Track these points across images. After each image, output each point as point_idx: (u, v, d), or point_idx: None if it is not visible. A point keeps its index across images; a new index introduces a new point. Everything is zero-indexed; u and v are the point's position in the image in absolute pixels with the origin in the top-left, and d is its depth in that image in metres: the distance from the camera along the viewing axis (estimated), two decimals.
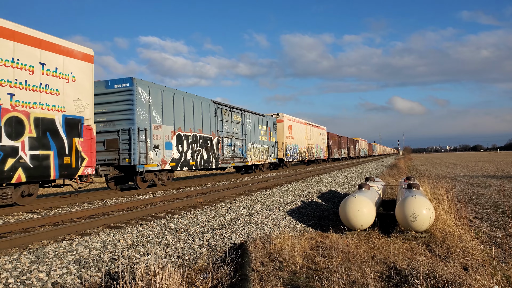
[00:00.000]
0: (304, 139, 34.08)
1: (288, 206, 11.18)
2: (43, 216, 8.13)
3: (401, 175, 26.07)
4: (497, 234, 8.26)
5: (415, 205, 7.83)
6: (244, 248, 6.52)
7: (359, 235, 8.11)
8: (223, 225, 8.37)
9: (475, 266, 5.77)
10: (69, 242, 5.95)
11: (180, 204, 9.78)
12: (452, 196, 10.02)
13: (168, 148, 14.04)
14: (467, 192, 15.56)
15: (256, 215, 9.59)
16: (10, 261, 4.96)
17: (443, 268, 5.38)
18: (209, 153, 17.04)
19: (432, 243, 7.37)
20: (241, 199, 11.09)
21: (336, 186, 17.31)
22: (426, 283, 4.89)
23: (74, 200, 10.69)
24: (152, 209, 8.86)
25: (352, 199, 8.41)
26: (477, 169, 33.24)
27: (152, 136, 13.11)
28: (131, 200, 10.92)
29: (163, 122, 13.86)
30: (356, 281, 5.09)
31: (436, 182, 13.37)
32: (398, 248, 6.95)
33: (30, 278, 4.66)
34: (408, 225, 7.93)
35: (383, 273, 5.63)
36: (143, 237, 6.74)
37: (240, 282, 4.73)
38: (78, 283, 4.81)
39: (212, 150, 17.33)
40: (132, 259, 5.79)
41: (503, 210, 10.98)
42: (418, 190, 9.62)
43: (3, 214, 8.57)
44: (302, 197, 13.00)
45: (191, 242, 7.01)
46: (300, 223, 9.87)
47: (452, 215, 8.52)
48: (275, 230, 8.79)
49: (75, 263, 5.25)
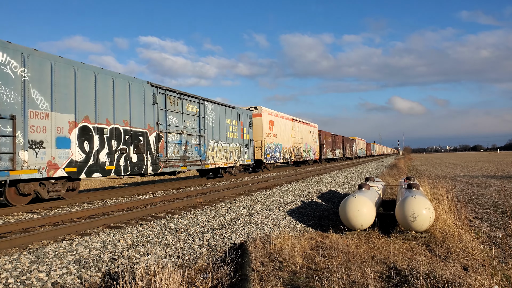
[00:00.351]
0: (290, 138, 30.01)
1: (288, 206, 11.18)
2: (43, 216, 8.12)
3: (401, 175, 26.08)
4: (497, 234, 8.26)
5: (415, 205, 7.83)
6: (244, 248, 6.52)
7: (359, 235, 8.11)
8: (223, 225, 8.37)
9: (475, 266, 5.77)
10: (69, 242, 5.95)
11: (180, 204, 9.78)
12: (452, 196, 10.02)
13: (62, 146, 9.78)
14: (467, 192, 15.56)
15: (256, 215, 9.59)
16: (10, 261, 4.96)
17: (443, 268, 5.38)
18: (141, 153, 12.53)
19: (432, 243, 7.37)
20: (241, 199, 11.09)
21: (336, 186, 17.31)
22: (426, 283, 4.89)
23: (74, 200, 10.68)
24: (152, 209, 8.86)
25: (352, 199, 8.41)
26: (477, 169, 33.24)
27: (28, 127, 8.89)
28: (131, 200, 10.92)
29: (52, 108, 9.57)
30: (356, 281, 5.09)
31: (436, 182, 13.37)
32: (398, 248, 6.95)
33: (30, 278, 4.66)
34: (408, 225, 7.93)
35: (383, 273, 5.63)
36: (143, 237, 6.74)
37: (240, 282, 4.73)
38: (78, 283, 4.81)
39: (147, 149, 12.83)
40: (132, 259, 5.79)
41: (503, 210, 10.98)
42: (418, 190, 9.62)
43: (3, 214, 8.56)
44: (302, 197, 13.00)
45: (191, 242, 7.01)
46: (300, 223, 9.87)
47: (452, 215, 8.52)
48: (275, 230, 8.79)
49: (75, 263, 5.25)
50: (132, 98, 12.39)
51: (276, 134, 26.66)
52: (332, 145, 46.68)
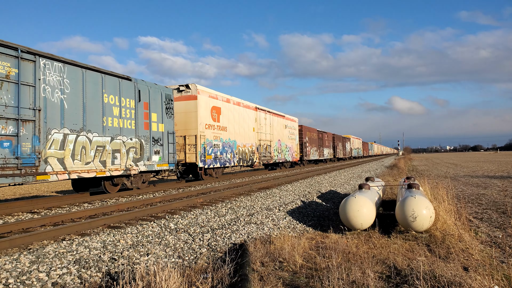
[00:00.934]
0: (252, 133, 22.50)
1: (288, 206, 11.18)
2: (43, 216, 8.13)
3: (401, 175, 26.09)
4: (497, 234, 8.26)
5: (415, 205, 7.83)
6: (244, 248, 6.52)
7: (359, 235, 8.11)
8: (223, 225, 8.37)
9: (475, 266, 5.77)
10: (69, 242, 5.95)
11: (180, 204, 9.78)
12: (452, 196, 10.02)
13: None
14: (467, 192, 15.56)
15: (256, 215, 9.59)
16: (10, 261, 4.96)
17: (443, 268, 5.38)
18: None
19: (432, 243, 7.37)
20: (241, 199, 11.09)
21: (336, 186, 17.31)
22: (426, 283, 4.88)
23: (74, 200, 10.68)
24: (152, 209, 8.86)
25: (352, 199, 8.41)
26: (477, 169, 33.24)
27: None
28: (131, 200, 10.92)
29: None
30: (356, 281, 5.09)
31: (436, 182, 13.37)
32: (398, 248, 6.94)
33: (30, 278, 4.66)
34: (408, 225, 7.93)
35: (383, 273, 5.63)
36: (143, 237, 6.74)
37: (240, 282, 4.73)
38: (78, 283, 4.81)
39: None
40: (132, 259, 5.79)
41: (503, 210, 10.98)
42: (418, 190, 9.62)
43: (3, 214, 8.57)
44: (302, 197, 13.00)
45: (191, 242, 7.01)
46: (300, 223, 9.87)
47: (452, 215, 8.52)
48: (275, 230, 8.79)
49: (75, 263, 5.25)
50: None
51: (227, 126, 19.05)
52: (318, 144, 40.10)
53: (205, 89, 17.35)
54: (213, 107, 17.91)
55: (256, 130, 23.14)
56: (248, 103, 22.38)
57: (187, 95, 16.55)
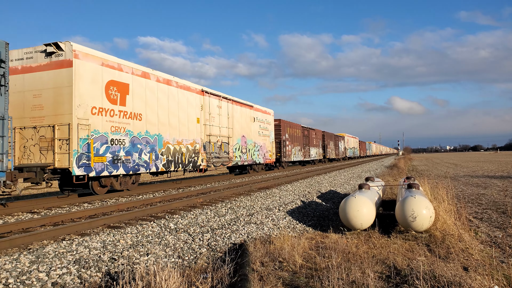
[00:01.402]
0: (196, 125, 16.30)
1: (288, 206, 11.18)
2: (43, 216, 8.13)
3: (401, 175, 26.08)
4: (497, 234, 8.26)
5: (415, 205, 7.83)
6: (244, 248, 6.52)
7: (359, 235, 8.11)
8: (223, 225, 8.37)
9: (475, 266, 5.77)
10: (69, 242, 5.95)
11: (180, 204, 9.78)
12: (452, 196, 10.02)
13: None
14: (467, 192, 15.56)
15: (256, 215, 9.59)
16: (10, 261, 4.96)
17: (443, 268, 5.38)
18: None
19: (432, 243, 7.37)
20: (241, 199, 11.09)
21: (336, 186, 17.31)
22: (426, 283, 4.88)
23: (74, 200, 10.68)
24: (152, 209, 8.86)
25: (352, 199, 8.41)
26: (477, 169, 33.24)
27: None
28: (131, 200, 10.92)
29: None
30: (356, 281, 5.09)
31: (436, 182, 13.37)
32: (398, 248, 6.94)
33: (30, 278, 4.66)
34: (408, 225, 7.93)
35: (383, 273, 5.63)
36: (143, 237, 6.74)
37: (240, 282, 4.73)
38: (78, 283, 4.81)
39: None
40: (132, 259, 5.79)
41: (503, 210, 10.98)
42: (418, 190, 9.62)
43: (3, 214, 8.57)
44: (302, 197, 13.00)
45: (191, 242, 7.01)
46: (300, 223, 9.87)
47: (452, 215, 8.52)
48: (275, 230, 8.79)
49: (75, 263, 5.25)
50: None
51: (142, 113, 12.87)
52: (303, 142, 34.11)
53: (94, 52, 11.15)
54: (112, 82, 11.68)
55: (202, 121, 16.84)
56: (188, 83, 15.90)
57: (59, 60, 10.47)
